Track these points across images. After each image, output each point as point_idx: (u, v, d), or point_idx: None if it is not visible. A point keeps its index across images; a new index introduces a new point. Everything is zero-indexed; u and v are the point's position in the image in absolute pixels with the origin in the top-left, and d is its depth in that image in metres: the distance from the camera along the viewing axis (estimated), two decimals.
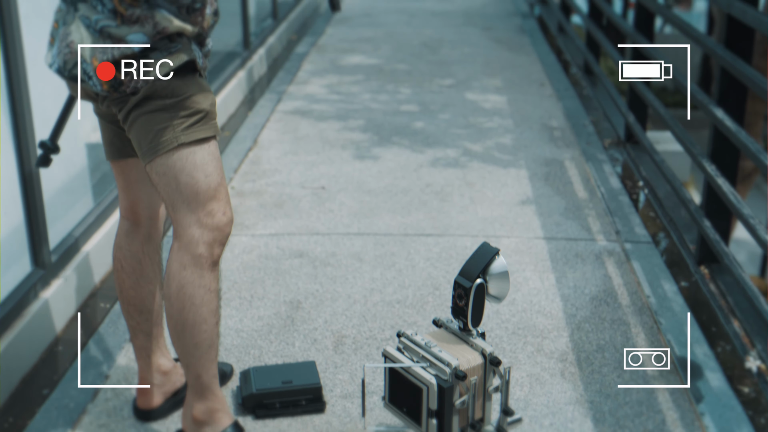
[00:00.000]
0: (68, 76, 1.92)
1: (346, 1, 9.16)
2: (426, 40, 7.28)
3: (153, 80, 1.88)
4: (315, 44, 7.14)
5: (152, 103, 1.90)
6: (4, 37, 2.74)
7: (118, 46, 1.85)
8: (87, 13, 1.87)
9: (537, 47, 7.05)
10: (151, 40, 1.87)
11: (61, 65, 1.92)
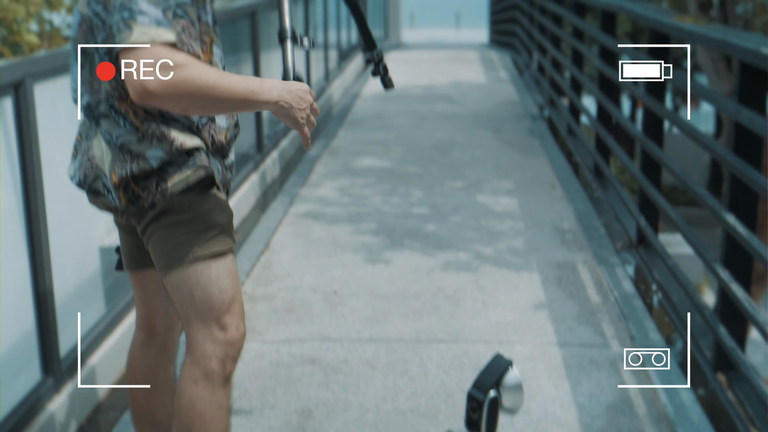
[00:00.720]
0: (88, 190, 1.96)
1: (358, 105, 9.32)
2: (437, 143, 7.37)
3: (170, 195, 1.91)
4: (327, 147, 7.23)
5: (169, 217, 1.92)
6: (22, 145, 2.79)
7: (136, 161, 1.88)
8: (109, 129, 1.91)
9: (547, 149, 7.12)
10: (169, 155, 1.90)
11: (81, 179, 1.96)
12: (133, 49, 1.69)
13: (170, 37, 1.72)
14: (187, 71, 1.70)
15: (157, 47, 1.70)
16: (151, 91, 1.68)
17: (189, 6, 1.79)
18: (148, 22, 1.70)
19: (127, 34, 1.70)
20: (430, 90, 10.28)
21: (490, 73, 12.04)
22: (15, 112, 2.77)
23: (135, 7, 1.71)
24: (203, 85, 1.71)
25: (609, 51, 5.79)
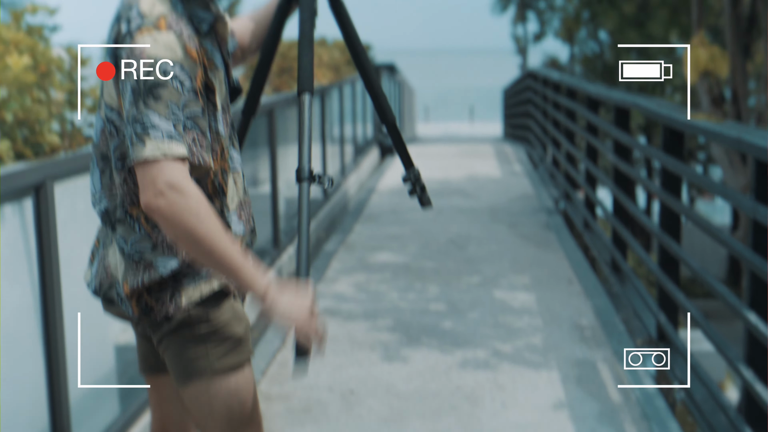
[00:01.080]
0: (103, 298, 1.95)
1: (373, 200, 9.37)
2: (453, 237, 7.37)
3: (185, 308, 1.90)
4: (343, 242, 7.25)
5: (185, 330, 1.90)
6: (41, 245, 2.81)
7: (148, 271, 1.87)
8: (124, 234, 1.90)
9: (563, 244, 7.11)
10: (182, 266, 1.89)
11: (97, 287, 1.95)
12: (148, 164, 1.72)
13: (182, 150, 1.73)
14: (195, 204, 1.72)
15: (170, 163, 1.72)
16: (154, 208, 1.71)
17: (200, 118, 1.80)
18: (160, 136, 1.72)
19: (140, 148, 1.72)
20: (445, 184, 10.34)
21: (505, 167, 12.12)
22: (35, 213, 2.80)
23: (147, 121, 1.72)
24: (203, 227, 1.73)
25: (623, 146, 5.82)
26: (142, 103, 1.72)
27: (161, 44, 1.75)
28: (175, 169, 1.71)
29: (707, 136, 3.91)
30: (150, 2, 1.80)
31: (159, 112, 1.72)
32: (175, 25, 1.78)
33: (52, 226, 2.84)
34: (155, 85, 1.73)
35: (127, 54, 1.76)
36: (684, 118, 4.18)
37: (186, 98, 1.75)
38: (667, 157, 4.40)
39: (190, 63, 1.77)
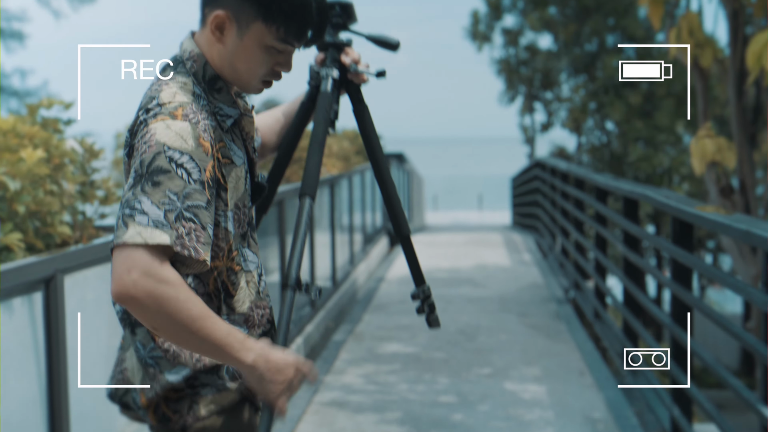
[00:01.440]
0: (119, 402, 1.92)
1: (383, 289, 9.35)
2: (462, 327, 7.33)
3: (202, 418, 1.84)
4: (352, 332, 7.20)
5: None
6: (50, 339, 2.80)
7: (163, 379, 1.84)
8: (143, 340, 1.86)
9: (574, 334, 7.05)
10: (194, 373, 1.84)
11: (113, 390, 1.92)
12: (125, 247, 1.63)
13: (164, 239, 1.64)
14: (174, 290, 1.63)
15: (148, 252, 1.63)
16: (130, 293, 1.61)
17: (202, 210, 1.71)
18: (145, 222, 1.64)
19: (123, 231, 1.64)
20: (454, 273, 10.33)
21: (514, 256, 12.11)
22: (44, 306, 2.80)
23: (138, 206, 1.65)
24: (184, 312, 1.64)
25: (632, 236, 5.83)
26: (140, 188, 1.66)
27: (173, 132, 1.71)
28: (152, 257, 1.62)
29: (716, 229, 3.91)
30: (171, 93, 1.78)
31: (152, 199, 1.65)
32: (192, 115, 1.75)
33: (60, 319, 2.83)
34: (158, 172, 1.67)
35: (139, 140, 1.73)
36: (693, 210, 4.19)
37: (190, 188, 1.68)
38: (676, 249, 4.39)
39: (201, 155, 1.72)
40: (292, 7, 1.79)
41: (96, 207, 4.38)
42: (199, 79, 1.84)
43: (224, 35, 1.81)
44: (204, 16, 1.84)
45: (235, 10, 1.79)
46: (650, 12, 7.43)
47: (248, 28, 1.80)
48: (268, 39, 1.81)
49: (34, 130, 3.90)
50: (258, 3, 1.78)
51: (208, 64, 1.84)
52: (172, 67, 1.85)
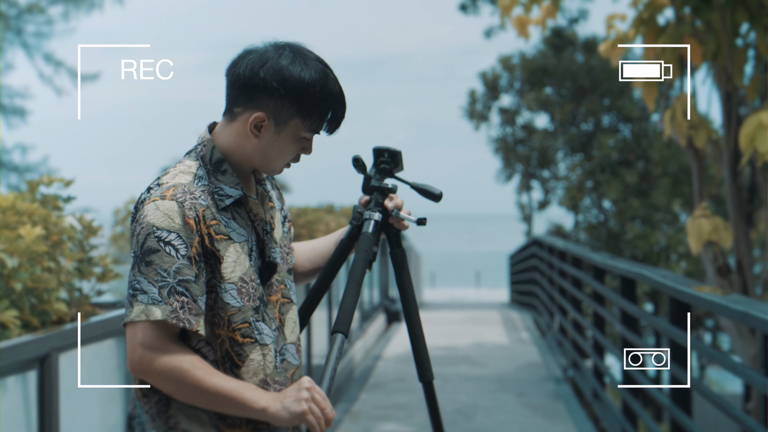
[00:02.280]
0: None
1: (380, 367, 9.28)
2: (460, 407, 7.25)
3: None
4: (349, 411, 7.12)
5: None
6: (42, 418, 2.77)
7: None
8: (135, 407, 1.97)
9: (573, 414, 6.97)
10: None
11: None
12: (131, 325, 1.85)
13: (158, 315, 1.83)
14: (177, 359, 1.84)
15: (149, 326, 1.84)
16: (141, 367, 1.85)
17: (191, 284, 1.87)
18: (146, 300, 1.84)
19: (129, 311, 1.85)
20: (452, 351, 10.26)
21: (512, 334, 12.05)
22: (39, 385, 2.78)
23: (138, 286, 1.85)
24: (191, 377, 1.84)
25: (630, 315, 5.81)
26: (137, 269, 1.86)
27: (161, 212, 1.87)
28: (150, 331, 1.84)
29: (713, 310, 3.91)
30: (172, 175, 1.95)
31: (148, 278, 1.84)
32: (181, 195, 1.89)
33: (54, 398, 2.81)
34: (148, 252, 1.85)
35: (135, 221, 1.92)
36: (690, 291, 4.20)
37: (179, 264, 1.86)
38: (674, 329, 4.38)
39: (187, 232, 1.87)
40: (326, 103, 1.95)
41: (93, 284, 4.37)
42: (206, 161, 1.98)
43: (261, 132, 1.95)
44: (234, 113, 1.97)
45: (275, 110, 1.94)
46: (644, 94, 7.53)
47: (286, 125, 1.95)
48: (303, 132, 1.97)
49: (34, 207, 3.92)
50: (299, 104, 1.93)
51: (215, 149, 1.98)
52: (187, 154, 2.02)
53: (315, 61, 1.95)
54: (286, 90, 1.91)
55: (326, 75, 1.95)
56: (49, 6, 24.54)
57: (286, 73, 1.91)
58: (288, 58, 1.93)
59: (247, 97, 1.94)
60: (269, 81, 1.91)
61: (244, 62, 1.94)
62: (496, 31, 20.59)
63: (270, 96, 1.92)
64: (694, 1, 6.90)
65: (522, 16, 8.23)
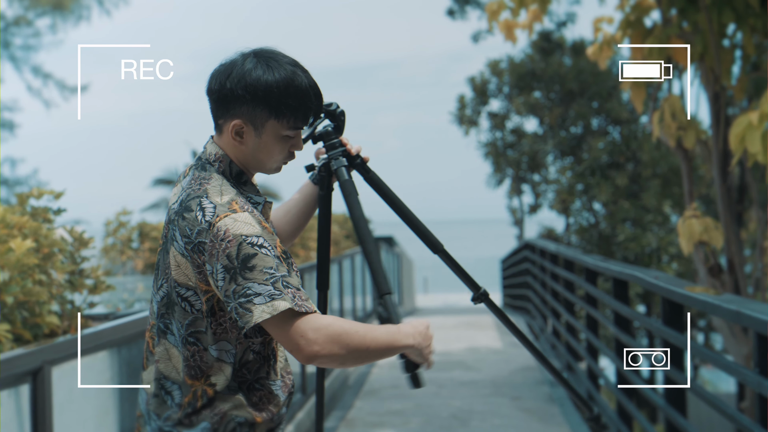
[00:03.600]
0: None
1: (374, 374, 9.26)
2: (455, 412, 7.24)
3: None
4: (344, 418, 7.11)
5: None
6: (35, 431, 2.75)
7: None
8: (157, 410, 2.02)
9: (568, 417, 6.97)
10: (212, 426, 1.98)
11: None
12: (270, 322, 1.90)
13: (286, 304, 1.89)
14: (334, 328, 1.91)
15: (283, 317, 1.89)
16: (302, 350, 1.89)
17: (288, 277, 1.95)
18: (263, 300, 1.89)
19: (249, 317, 1.89)
20: (446, 356, 10.26)
21: (506, 338, 12.05)
22: (32, 398, 2.76)
23: (249, 292, 1.89)
24: (355, 336, 1.93)
25: (623, 317, 5.82)
26: (240, 277, 1.89)
27: (241, 222, 1.94)
28: (285, 320, 1.89)
29: (706, 309, 3.92)
30: (217, 190, 2.01)
31: (257, 281, 1.89)
32: (246, 205, 2.00)
33: (48, 411, 2.79)
34: (247, 258, 1.90)
35: (211, 239, 1.93)
36: (683, 291, 4.20)
37: (276, 262, 1.93)
38: (668, 330, 4.39)
39: (269, 234, 1.96)
40: (296, 100, 2.03)
41: (85, 296, 4.36)
42: (227, 176, 2.07)
43: (244, 138, 2.05)
44: (219, 126, 2.08)
45: (249, 116, 2.03)
46: (633, 95, 7.56)
47: (263, 127, 2.04)
48: (282, 130, 2.05)
49: (24, 220, 3.90)
50: (268, 105, 2.02)
51: (233, 163, 2.07)
52: (198, 168, 2.07)
53: (280, 62, 2.03)
54: (251, 95, 2.00)
55: (293, 73, 2.02)
56: (36, 18, 24.50)
57: (249, 78, 2.00)
58: (251, 63, 2.02)
59: (223, 109, 2.04)
60: (235, 90, 2.01)
61: (214, 77, 2.05)
62: (484, 35, 20.64)
63: (241, 103, 2.02)
64: (681, 3, 6.93)
65: (509, 20, 8.25)
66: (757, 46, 7.75)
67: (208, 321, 1.98)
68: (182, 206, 2.00)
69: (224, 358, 1.99)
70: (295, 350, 1.90)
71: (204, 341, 1.98)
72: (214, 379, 1.98)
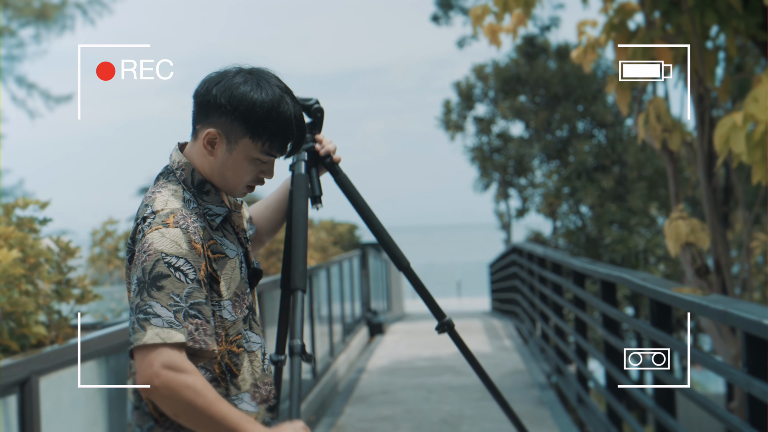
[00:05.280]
0: None
1: (364, 380, 9.25)
2: (445, 417, 7.24)
3: None
4: (334, 425, 7.09)
5: None
6: None
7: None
8: (139, 422, 1.99)
9: (558, 420, 6.98)
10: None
11: None
12: (145, 348, 1.85)
13: (180, 338, 1.86)
14: (192, 379, 1.85)
15: (168, 348, 1.85)
16: (154, 385, 1.84)
17: (203, 306, 1.92)
18: (161, 324, 1.85)
19: (141, 334, 1.85)
20: (435, 361, 10.25)
21: (495, 342, 12.06)
22: (19, 409, 2.75)
23: (150, 310, 1.86)
24: (202, 399, 1.85)
25: (611, 319, 5.83)
26: (146, 293, 1.87)
27: (168, 240, 1.91)
28: (171, 352, 1.85)
29: (694, 310, 3.93)
30: (163, 200, 1.97)
31: (161, 302, 1.86)
32: (183, 221, 1.94)
33: (36, 422, 2.78)
34: (159, 277, 1.87)
35: (139, 249, 1.93)
36: (670, 292, 4.22)
37: (189, 288, 1.89)
38: (656, 331, 4.40)
39: (194, 256, 1.92)
40: (276, 125, 1.99)
41: (72, 306, 4.34)
42: (188, 185, 2.03)
43: (215, 149, 2.02)
44: (195, 131, 2.05)
45: (226, 128, 2.00)
46: (618, 98, 7.58)
47: (237, 143, 2.01)
48: (254, 152, 2.01)
49: (9, 230, 3.88)
50: (246, 123, 1.98)
51: (195, 171, 2.04)
52: (163, 176, 2.04)
53: (272, 85, 2.01)
54: (233, 107, 1.97)
55: (280, 98, 1.99)
56: (20, 29, 24.42)
57: (236, 91, 1.98)
58: (242, 77, 2.00)
59: (203, 115, 2.02)
60: (219, 98, 1.98)
61: (204, 81, 2.03)
62: (469, 40, 20.67)
63: (221, 113, 1.99)
64: (664, 5, 6.96)
65: (494, 24, 8.27)
66: (740, 47, 7.80)
67: None
68: (136, 215, 2.01)
69: None
70: (140, 373, 1.85)
71: None
72: None
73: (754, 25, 6.59)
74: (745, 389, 3.17)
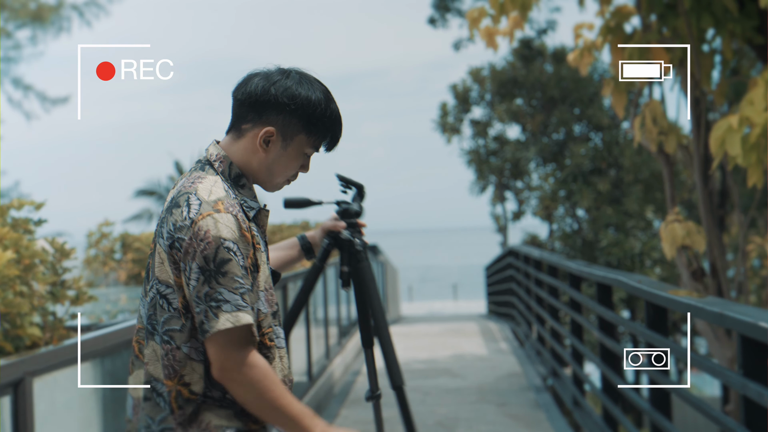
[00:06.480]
0: None
1: (360, 382, 9.24)
2: (441, 419, 7.23)
3: None
4: None
5: None
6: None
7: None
8: (151, 413, 2.00)
9: (554, 423, 6.97)
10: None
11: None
12: (218, 334, 1.92)
13: (248, 319, 1.93)
14: (262, 374, 1.94)
15: (244, 330, 1.93)
16: (230, 378, 1.93)
17: (249, 293, 1.98)
18: (230, 309, 1.92)
19: (215, 321, 1.91)
20: (431, 364, 10.24)
21: (491, 345, 12.05)
22: (13, 410, 2.74)
23: (220, 297, 1.92)
24: (270, 392, 1.94)
25: (607, 322, 5.83)
26: (215, 281, 1.92)
27: (222, 224, 1.95)
28: (244, 334, 1.93)
29: (690, 312, 3.93)
30: (207, 189, 2.01)
31: (228, 288, 1.92)
32: (231, 208, 1.99)
33: (29, 423, 2.77)
34: (222, 263, 1.93)
35: (191, 237, 1.94)
36: (666, 294, 4.21)
37: (243, 273, 1.95)
38: (652, 334, 4.40)
39: (244, 243, 1.97)
40: (330, 122, 2.11)
41: (67, 307, 4.32)
42: (225, 177, 2.08)
43: (269, 147, 2.09)
44: (241, 129, 2.10)
45: (283, 125, 2.08)
46: (614, 101, 7.60)
47: (293, 140, 2.10)
48: (307, 147, 2.12)
49: (4, 231, 3.87)
50: (305, 120, 2.08)
51: (233, 164, 2.09)
52: (200, 167, 2.08)
53: (318, 83, 2.12)
54: (296, 106, 2.06)
55: (329, 97, 2.11)
56: (16, 30, 24.40)
57: (295, 90, 2.07)
58: (295, 79, 2.09)
59: (256, 114, 2.07)
60: (280, 97, 2.06)
61: (252, 82, 2.09)
62: (465, 43, 20.70)
63: (279, 112, 2.06)
64: (660, 8, 6.97)
65: (490, 27, 8.28)
66: (736, 50, 7.82)
67: (183, 318, 1.97)
68: (172, 202, 2.01)
69: (194, 356, 1.97)
70: (221, 362, 1.93)
71: (177, 339, 1.98)
72: (188, 378, 1.97)
73: (749, 29, 6.61)
74: (740, 391, 3.17)
